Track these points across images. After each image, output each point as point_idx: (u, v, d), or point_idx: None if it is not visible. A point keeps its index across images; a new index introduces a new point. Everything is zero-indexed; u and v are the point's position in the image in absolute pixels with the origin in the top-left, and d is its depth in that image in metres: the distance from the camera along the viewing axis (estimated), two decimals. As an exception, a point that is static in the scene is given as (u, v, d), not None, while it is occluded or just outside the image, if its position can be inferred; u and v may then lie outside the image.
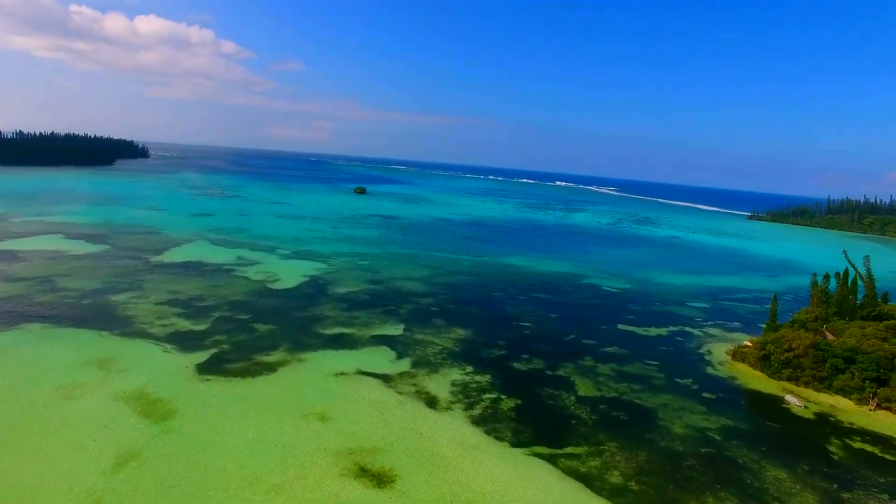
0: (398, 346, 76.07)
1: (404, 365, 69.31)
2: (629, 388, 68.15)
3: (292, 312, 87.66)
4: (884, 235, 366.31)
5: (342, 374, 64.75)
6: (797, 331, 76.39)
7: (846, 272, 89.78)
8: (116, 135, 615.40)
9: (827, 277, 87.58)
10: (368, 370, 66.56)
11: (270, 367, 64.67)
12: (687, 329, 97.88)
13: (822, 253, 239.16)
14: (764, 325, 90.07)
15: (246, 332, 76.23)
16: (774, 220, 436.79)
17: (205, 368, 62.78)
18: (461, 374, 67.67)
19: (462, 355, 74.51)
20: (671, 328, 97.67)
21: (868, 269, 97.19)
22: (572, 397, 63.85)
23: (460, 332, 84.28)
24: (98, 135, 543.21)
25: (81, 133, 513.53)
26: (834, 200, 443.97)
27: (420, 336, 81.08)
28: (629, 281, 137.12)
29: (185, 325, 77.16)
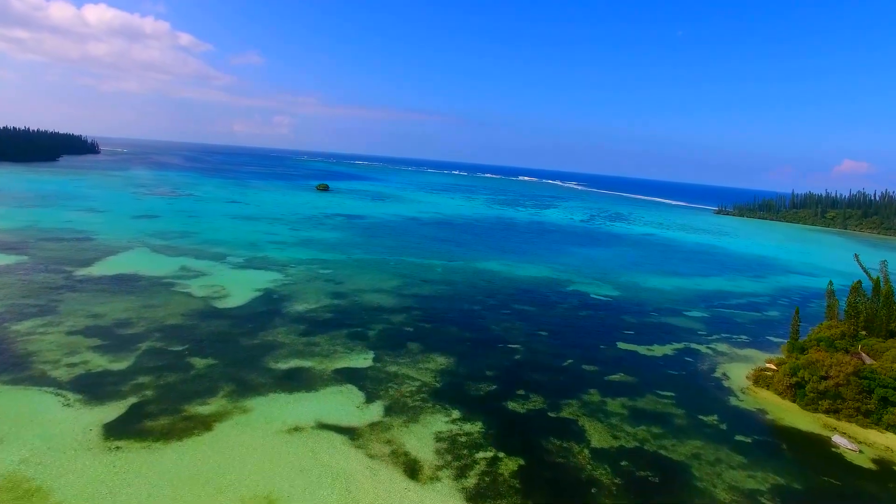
0: (367, 383, 62.69)
1: (375, 411, 56.02)
2: (649, 432, 56.51)
3: (239, 339, 73.18)
4: (846, 229, 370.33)
5: (297, 429, 51.06)
6: (833, 354, 66.15)
7: (877, 281, 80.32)
8: (66, 130, 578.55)
9: (854, 289, 77.46)
10: (330, 422, 53.04)
11: (204, 423, 50.51)
12: (693, 346, 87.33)
13: (796, 249, 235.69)
14: (786, 344, 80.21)
15: (178, 371, 61.58)
16: (741, 215, 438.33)
17: (116, 429, 48.19)
18: (446, 423, 54.83)
19: (445, 394, 61.64)
20: (675, 345, 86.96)
21: (885, 276, 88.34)
22: (585, 451, 51.76)
23: (440, 361, 71.38)
24: (43, 129, 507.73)
25: (22, 127, 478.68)
26: (798, 195, 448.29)
27: (393, 367, 67.84)
28: (617, 287, 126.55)
29: (100, 363, 61.97)
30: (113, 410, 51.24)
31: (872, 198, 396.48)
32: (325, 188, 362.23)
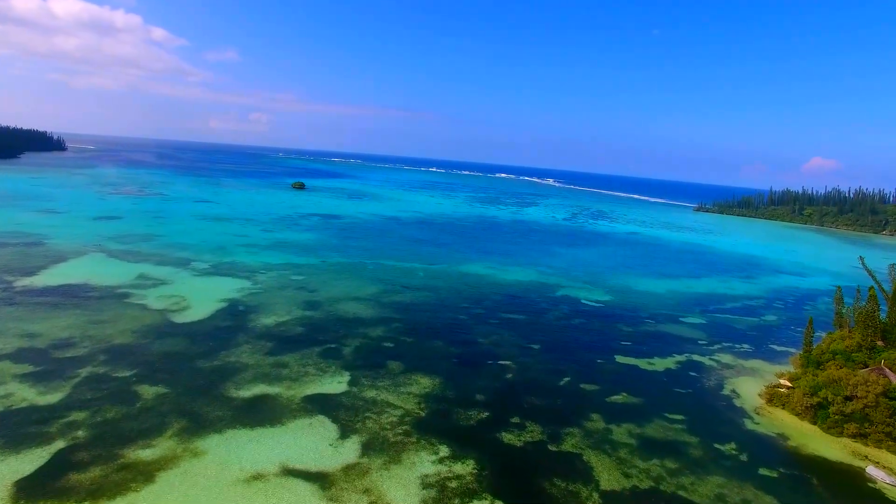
0: (341, 413, 54.85)
1: (351, 450, 48.24)
2: (664, 468, 49.73)
3: (196, 361, 64.66)
4: (822, 226, 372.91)
5: (257, 477, 43.08)
6: (857, 371, 60.22)
7: (895, 287, 74.80)
8: (34, 126, 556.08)
9: (872, 297, 71.74)
10: (298, 465, 45.13)
11: (145, 473, 42.24)
12: (695, 358, 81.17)
13: (780, 248, 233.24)
14: (798, 357, 74.35)
15: (121, 404, 53.03)
16: (721, 212, 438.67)
17: (30, 488, 39.67)
18: (434, 463, 47.33)
19: (431, 424, 54.13)
20: (677, 357, 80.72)
21: (894, 280, 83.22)
22: (595, 495, 44.70)
23: (424, 383, 63.82)
24: (5, 125, 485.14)
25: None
26: (776, 192, 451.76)
27: (371, 392, 60.11)
28: (607, 291, 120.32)
29: (26, 396, 53.12)
30: (32, 461, 42.64)
31: (847, 195, 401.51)
32: (301, 186, 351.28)
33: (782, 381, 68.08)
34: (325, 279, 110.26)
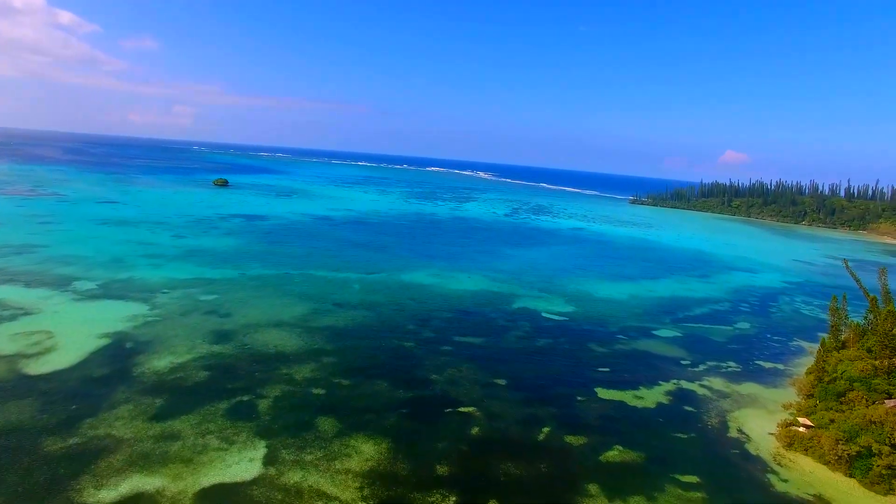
0: (251, 518, 38.57)
1: (261, 593, 32.30)
2: (699, 574, 36.74)
3: (43, 441, 46.20)
4: (750, 217, 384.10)
5: None
6: (883, 403, 49.68)
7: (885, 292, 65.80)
8: None
9: (892, 314, 62.18)
10: None
11: None
12: (684, 385, 69.65)
13: (721, 241, 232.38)
14: (809, 385, 63.85)
15: None
16: (656, 204, 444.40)
17: None
18: None
19: (379, 527, 38.83)
20: (664, 385, 68.91)
21: (885, 286, 75.09)
22: None
23: (367, 452, 48.21)
24: None
25: None
26: (706, 184, 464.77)
27: (295, 475, 43.93)
28: (568, 300, 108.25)
29: None
30: None
31: (769, 186, 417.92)
32: (224, 183, 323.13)
33: (800, 420, 57.10)
34: (241, 298, 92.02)
